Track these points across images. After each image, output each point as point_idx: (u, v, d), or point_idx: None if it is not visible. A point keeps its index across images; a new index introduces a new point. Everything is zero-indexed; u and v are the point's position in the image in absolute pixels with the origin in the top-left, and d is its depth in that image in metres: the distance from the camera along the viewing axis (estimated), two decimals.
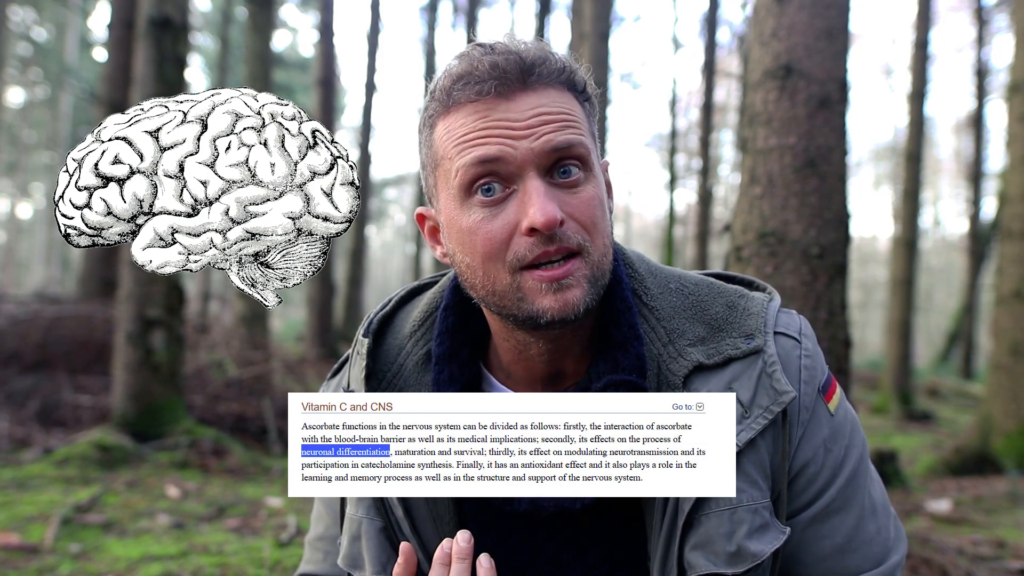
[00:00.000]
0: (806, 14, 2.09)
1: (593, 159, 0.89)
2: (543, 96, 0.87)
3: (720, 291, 0.98)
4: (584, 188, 0.87)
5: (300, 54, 25.29)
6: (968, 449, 4.95)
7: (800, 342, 0.94)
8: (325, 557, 1.08)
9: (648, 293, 0.97)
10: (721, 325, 0.93)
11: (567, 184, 0.86)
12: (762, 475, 0.88)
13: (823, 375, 0.95)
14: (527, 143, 0.84)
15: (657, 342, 0.93)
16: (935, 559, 2.70)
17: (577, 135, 0.87)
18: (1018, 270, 4.80)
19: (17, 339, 5.62)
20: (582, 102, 0.91)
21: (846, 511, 0.92)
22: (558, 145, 0.85)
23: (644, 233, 37.07)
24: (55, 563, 2.62)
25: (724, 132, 21.58)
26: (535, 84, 0.87)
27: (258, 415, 5.27)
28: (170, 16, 4.55)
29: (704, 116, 13.18)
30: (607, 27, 7.35)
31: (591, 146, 0.89)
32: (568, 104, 0.89)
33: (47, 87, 23.08)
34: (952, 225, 33.75)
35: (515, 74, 0.86)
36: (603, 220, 0.89)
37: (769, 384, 0.89)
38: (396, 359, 1.00)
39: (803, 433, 0.91)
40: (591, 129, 0.92)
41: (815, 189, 2.05)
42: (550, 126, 0.85)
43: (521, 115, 0.85)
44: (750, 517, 0.85)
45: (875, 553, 0.92)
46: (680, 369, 0.91)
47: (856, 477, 0.93)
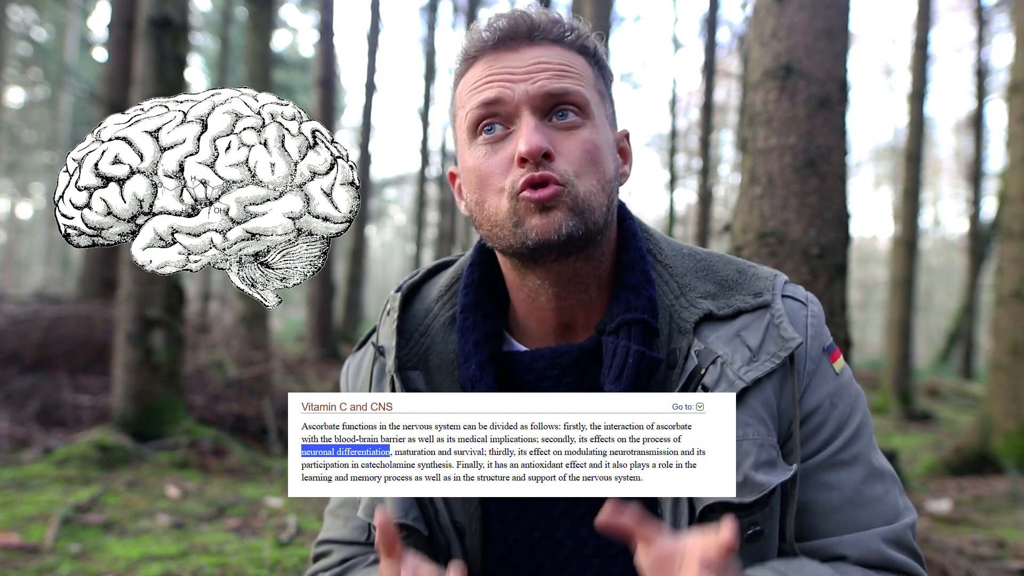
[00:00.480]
0: (806, 14, 2.09)
1: (593, 109, 0.95)
2: (547, 50, 0.95)
3: (730, 260, 1.04)
4: (580, 132, 0.93)
5: (300, 54, 25.30)
6: (968, 449, 4.95)
7: (807, 305, 1.00)
8: (346, 523, 1.09)
9: (662, 252, 1.03)
10: (731, 285, 0.99)
11: (563, 126, 0.93)
12: (769, 415, 0.91)
13: (828, 339, 1.00)
14: (524, 86, 0.92)
15: (669, 294, 0.99)
16: (935, 559, 2.70)
17: (575, 84, 0.94)
18: (1018, 270, 4.80)
19: (17, 339, 5.62)
20: (592, 64, 0.98)
21: (853, 466, 0.94)
22: (553, 90, 0.92)
23: None
24: (55, 563, 2.62)
25: (724, 132, 21.58)
26: (541, 40, 0.95)
27: (258, 415, 5.27)
28: (170, 16, 4.55)
29: (704, 116, 13.18)
30: (607, 27, 7.36)
31: (591, 97, 0.95)
32: (571, 59, 0.96)
33: (47, 87, 23.08)
34: (952, 225, 33.77)
35: (523, 30, 0.94)
36: (597, 163, 0.94)
37: (777, 333, 0.94)
38: (424, 320, 1.06)
39: (809, 383, 0.95)
40: (598, 87, 0.98)
41: (815, 189, 2.05)
42: (547, 73, 0.93)
43: (522, 63, 0.93)
44: (756, 451, 0.88)
45: (886, 512, 0.93)
46: (691, 316, 0.96)
47: (861, 436, 0.96)
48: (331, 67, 10.91)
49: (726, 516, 0.77)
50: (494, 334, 1.01)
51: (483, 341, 0.99)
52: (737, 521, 0.75)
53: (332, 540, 1.10)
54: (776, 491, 0.88)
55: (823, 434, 0.94)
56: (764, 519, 0.88)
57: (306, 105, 20.62)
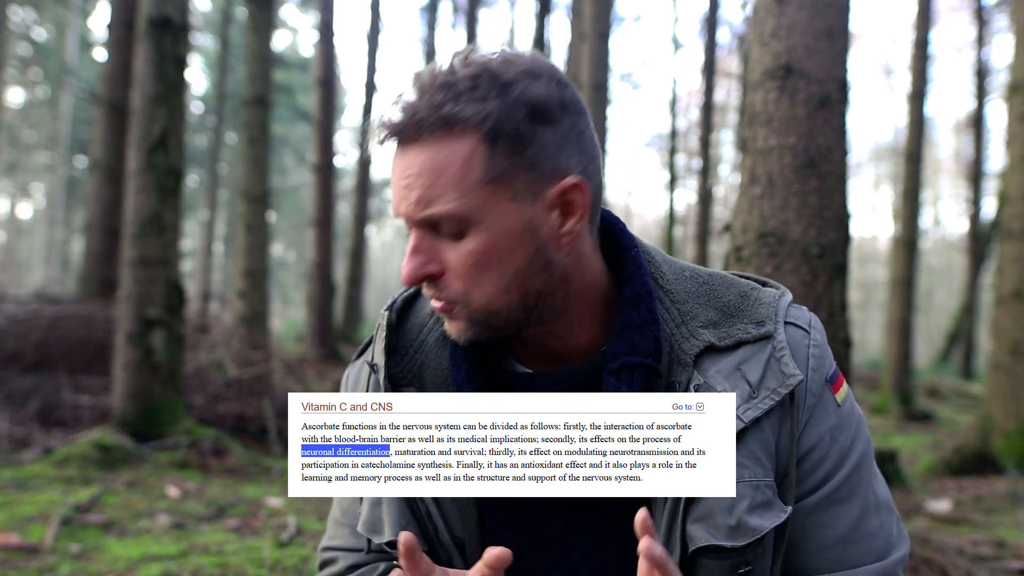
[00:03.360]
0: (806, 14, 2.09)
1: (476, 214, 0.85)
2: (422, 153, 0.85)
3: (733, 282, 1.00)
4: (465, 243, 0.86)
5: (300, 54, 25.30)
6: (968, 449, 4.95)
7: (809, 333, 0.96)
8: (352, 531, 1.08)
9: (664, 277, 0.99)
10: (733, 312, 0.96)
11: (449, 236, 0.87)
12: (766, 454, 0.89)
13: (831, 367, 0.97)
14: (404, 206, 0.87)
15: (671, 322, 0.96)
16: (935, 559, 2.70)
17: (441, 207, 0.84)
18: (1018, 270, 4.80)
19: (17, 339, 5.62)
20: (487, 141, 0.85)
21: (850, 501, 0.93)
22: (419, 221, 0.87)
23: (644, 233, 37.08)
24: (55, 563, 2.62)
25: (724, 132, 21.59)
26: (425, 137, 0.84)
27: (258, 415, 5.27)
28: (170, 16, 4.55)
29: (704, 116, 13.19)
30: (607, 27, 7.36)
31: (470, 202, 0.85)
32: (446, 158, 0.84)
33: (47, 87, 23.08)
34: (952, 225, 33.79)
35: (409, 129, 0.85)
36: (490, 267, 0.87)
37: (778, 368, 0.91)
38: (418, 336, 1.03)
39: (809, 418, 0.93)
40: (493, 172, 0.85)
41: (815, 189, 2.05)
42: (415, 193, 0.85)
43: (401, 174, 0.86)
44: (751, 493, 0.86)
45: (878, 547, 0.92)
46: (691, 348, 0.93)
47: (860, 469, 0.95)
48: (331, 67, 10.91)
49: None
50: (487, 358, 0.99)
51: (475, 369, 0.96)
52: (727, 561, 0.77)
53: (338, 548, 1.09)
54: (769, 533, 0.87)
55: (822, 471, 0.93)
56: (756, 558, 0.88)
57: (306, 105, 20.66)
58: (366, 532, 0.99)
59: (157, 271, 4.44)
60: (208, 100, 22.91)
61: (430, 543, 0.97)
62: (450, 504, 0.97)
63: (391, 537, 0.96)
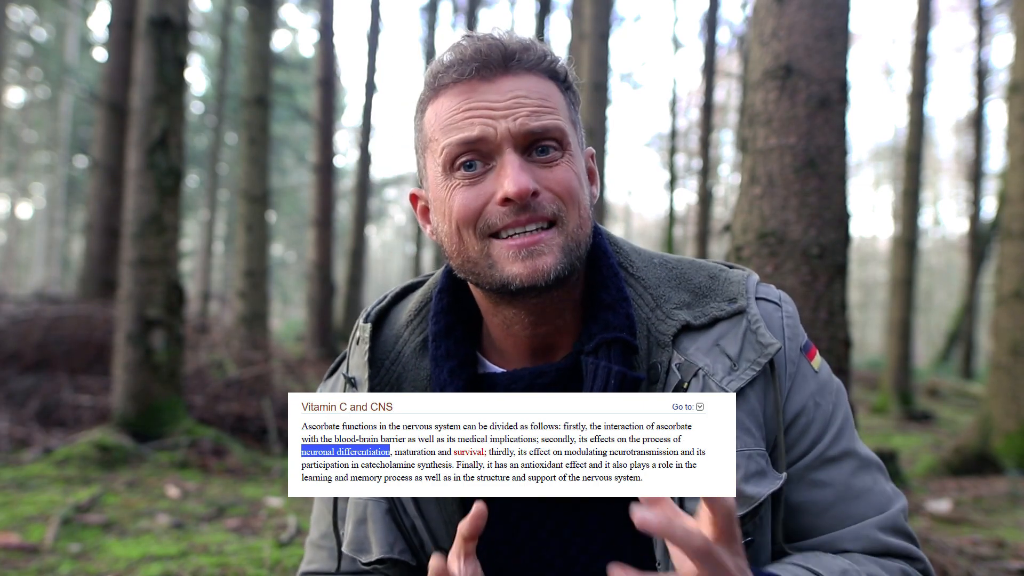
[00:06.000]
0: (806, 14, 2.09)
1: (570, 141, 0.93)
2: (523, 81, 0.92)
3: (701, 265, 1.04)
4: (560, 164, 0.92)
5: (300, 54, 25.29)
6: (968, 449, 4.95)
7: (781, 306, 1.00)
8: (330, 555, 1.07)
9: (633, 265, 1.03)
10: (704, 292, 0.99)
11: (544, 161, 0.91)
12: (755, 424, 0.92)
13: (803, 338, 1.00)
14: (506, 123, 0.89)
15: (645, 307, 0.98)
16: (935, 559, 2.70)
17: (554, 119, 0.91)
18: (1018, 270, 4.80)
19: (17, 339, 5.62)
20: (563, 91, 0.96)
21: (841, 461, 0.95)
22: (534, 129, 0.90)
23: (644, 233, 37.08)
24: (55, 563, 2.62)
25: (724, 132, 21.60)
26: (515, 69, 0.91)
27: (258, 415, 5.27)
28: (170, 16, 4.55)
29: (704, 116, 13.18)
30: (607, 27, 7.36)
31: (568, 129, 0.93)
32: (546, 90, 0.93)
33: (47, 87, 23.07)
34: (952, 225, 33.81)
35: (497, 59, 0.90)
36: (580, 194, 0.93)
37: (755, 339, 0.94)
38: (394, 347, 1.04)
39: (792, 385, 0.96)
40: (570, 116, 0.96)
41: (815, 189, 2.05)
42: (526, 109, 0.90)
43: (501, 97, 0.90)
44: (745, 462, 0.89)
45: (877, 501, 0.95)
46: (668, 329, 0.96)
47: (846, 430, 0.97)
48: (331, 67, 10.91)
49: None
50: (468, 360, 0.99)
51: (458, 369, 0.97)
52: None
53: (316, 572, 1.08)
54: (766, 501, 0.88)
55: (811, 435, 0.95)
56: (755, 528, 0.89)
57: (306, 105, 20.66)
58: (352, 552, 0.99)
59: (157, 271, 4.44)
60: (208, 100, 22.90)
61: (417, 557, 0.97)
62: (436, 516, 0.97)
63: (380, 555, 0.96)
